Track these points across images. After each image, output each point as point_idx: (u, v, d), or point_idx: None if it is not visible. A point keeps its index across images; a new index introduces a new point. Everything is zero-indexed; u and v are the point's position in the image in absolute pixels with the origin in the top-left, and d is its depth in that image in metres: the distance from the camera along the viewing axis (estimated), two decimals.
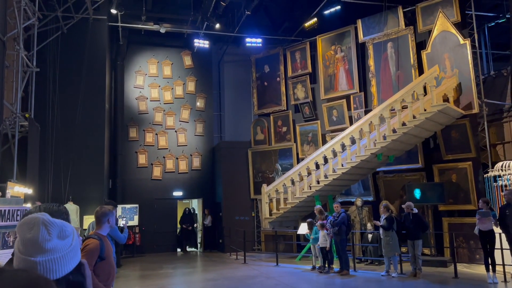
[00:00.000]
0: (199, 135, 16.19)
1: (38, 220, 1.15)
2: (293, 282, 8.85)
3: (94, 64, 13.21)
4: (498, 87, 11.60)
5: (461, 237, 10.50)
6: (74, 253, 1.18)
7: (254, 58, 15.79)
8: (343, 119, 13.24)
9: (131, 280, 9.58)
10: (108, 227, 3.64)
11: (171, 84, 16.02)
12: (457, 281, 8.41)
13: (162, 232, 14.85)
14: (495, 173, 9.68)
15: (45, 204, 2.00)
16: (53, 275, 1.10)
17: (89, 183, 12.42)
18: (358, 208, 11.60)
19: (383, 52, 12.53)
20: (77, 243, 1.21)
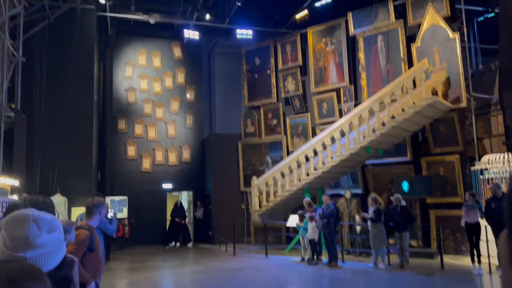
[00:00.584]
0: (189, 127, 16.12)
1: (28, 217, 1.14)
2: (282, 274, 8.91)
3: (82, 54, 13.04)
4: (486, 81, 11.73)
5: (448, 229, 10.64)
6: (62, 246, 1.18)
7: (244, 50, 15.71)
8: (333, 112, 13.27)
9: (120, 272, 9.56)
10: (99, 219, 3.61)
11: (160, 76, 15.89)
12: (443, 272, 8.54)
13: (151, 225, 14.80)
14: (481, 167, 9.81)
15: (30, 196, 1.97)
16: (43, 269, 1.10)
17: (77, 175, 12.31)
18: (347, 201, 11.68)
19: (373, 45, 12.56)
20: (63, 236, 1.21)
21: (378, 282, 8.13)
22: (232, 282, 8.18)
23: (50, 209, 1.71)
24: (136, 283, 8.39)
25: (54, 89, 12.50)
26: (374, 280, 8.27)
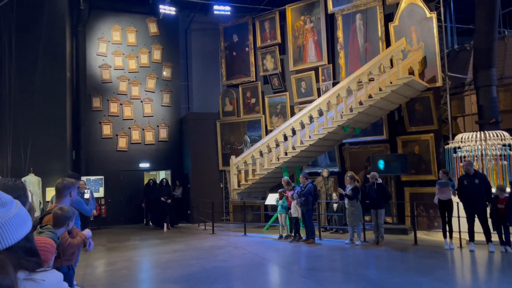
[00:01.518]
0: (166, 105, 15.87)
1: None
2: (261, 251, 9.02)
3: (53, 29, 12.55)
4: (461, 61, 11.91)
5: (422, 206, 10.95)
6: (21, 221, 1.14)
7: (222, 27, 15.43)
8: (311, 91, 13.28)
9: (98, 252, 9.48)
10: (69, 201, 3.51)
11: (135, 52, 15.49)
12: (417, 248, 8.81)
13: (128, 204, 14.68)
14: (455, 145, 10.05)
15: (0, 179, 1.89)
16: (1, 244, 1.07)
17: (51, 154, 12.02)
18: (324, 179, 11.84)
19: (352, 24, 12.53)
20: (23, 212, 1.17)
21: (354, 258, 8.33)
22: (211, 259, 8.24)
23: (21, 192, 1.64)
24: (115, 262, 8.35)
25: (24, 66, 12.03)
26: (350, 256, 8.47)
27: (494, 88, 10.38)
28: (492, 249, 7.98)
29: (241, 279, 7.00)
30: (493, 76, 10.37)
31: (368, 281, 6.40)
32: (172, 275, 7.08)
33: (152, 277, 7.28)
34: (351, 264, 7.84)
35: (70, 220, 2.92)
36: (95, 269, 7.93)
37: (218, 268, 7.51)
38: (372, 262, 7.92)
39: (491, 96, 10.32)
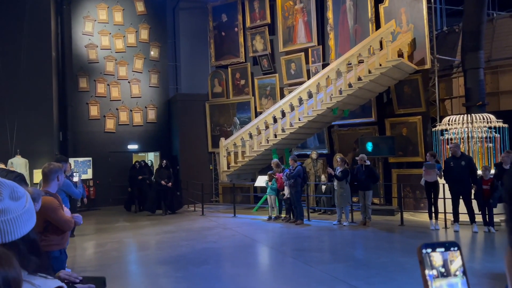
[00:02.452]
0: (154, 86, 15.69)
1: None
2: (250, 232, 9.12)
3: (37, 7, 12.23)
4: (450, 43, 11.95)
5: (408, 187, 11.13)
6: (30, 215, 1.14)
7: (211, 6, 15.18)
8: (301, 72, 13.22)
9: (87, 234, 9.49)
10: (57, 185, 3.49)
11: (122, 32, 15.20)
12: (403, 228, 9.00)
13: (117, 186, 14.62)
14: (442, 127, 10.17)
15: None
16: (8, 237, 1.07)
17: (38, 136, 11.88)
18: (313, 161, 11.92)
19: (342, 5, 12.43)
20: (32, 206, 1.17)
21: (341, 238, 8.48)
22: (200, 240, 8.31)
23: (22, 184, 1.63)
24: (105, 244, 8.37)
25: (8, 44, 11.75)
26: (338, 237, 8.62)
27: (481, 70, 10.47)
28: (475, 229, 8.18)
29: (231, 260, 7.09)
30: (480, 58, 10.45)
31: (356, 261, 6.54)
32: (162, 256, 7.14)
33: (142, 258, 7.34)
34: (339, 244, 7.99)
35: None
36: (84, 251, 7.95)
37: (208, 249, 7.59)
38: (359, 243, 8.08)
39: (479, 79, 10.41)
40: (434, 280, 0.80)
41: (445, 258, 0.82)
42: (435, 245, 0.83)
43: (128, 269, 6.69)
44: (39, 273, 1.12)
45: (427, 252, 0.82)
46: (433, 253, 0.82)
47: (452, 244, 0.84)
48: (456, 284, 0.80)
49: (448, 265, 0.81)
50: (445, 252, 0.82)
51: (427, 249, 0.82)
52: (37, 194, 2.67)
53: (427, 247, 0.82)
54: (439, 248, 0.83)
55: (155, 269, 6.51)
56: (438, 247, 0.83)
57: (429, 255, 0.82)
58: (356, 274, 5.76)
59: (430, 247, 0.82)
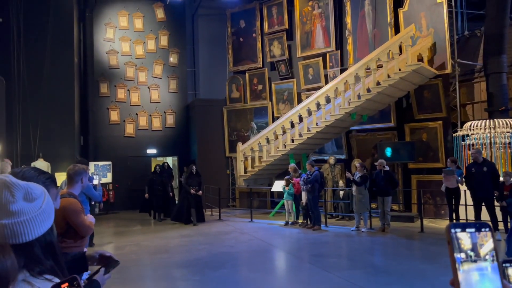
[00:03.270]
0: (173, 91, 15.87)
1: (0, 182, 1.09)
2: (267, 237, 9.10)
3: (61, 15, 12.55)
4: (471, 47, 11.74)
5: (428, 193, 10.93)
6: (46, 216, 1.14)
7: (229, 12, 15.30)
8: (318, 77, 13.19)
9: (106, 236, 9.62)
10: (80, 187, 3.53)
11: (142, 38, 15.45)
12: (423, 235, 8.83)
13: (136, 190, 14.77)
14: (463, 133, 9.98)
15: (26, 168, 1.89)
16: (22, 238, 1.07)
17: (60, 140, 12.13)
18: (331, 166, 11.83)
19: (361, 10, 12.36)
20: (50, 206, 1.17)
21: (360, 244, 8.37)
22: (217, 245, 8.33)
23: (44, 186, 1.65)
24: (123, 247, 8.47)
25: (33, 51, 12.06)
26: (356, 243, 8.52)
27: (504, 75, 10.25)
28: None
29: (247, 264, 7.08)
30: (503, 63, 10.23)
31: (374, 268, 6.45)
32: (180, 260, 7.18)
33: (159, 261, 7.39)
34: (357, 250, 7.89)
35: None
36: None
37: (225, 253, 7.60)
38: (378, 249, 7.96)
39: (501, 83, 10.19)
40: (462, 264, 0.75)
41: (474, 241, 0.76)
42: (465, 225, 0.77)
43: (146, 272, 6.74)
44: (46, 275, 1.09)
45: (456, 232, 0.77)
46: (461, 234, 0.76)
47: (483, 225, 0.78)
48: (485, 268, 0.75)
49: (477, 248, 0.76)
50: (475, 233, 0.77)
51: (456, 228, 0.77)
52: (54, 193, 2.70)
53: (456, 227, 0.77)
54: (469, 229, 0.77)
55: (172, 272, 6.55)
56: (468, 228, 0.77)
57: (457, 236, 0.76)
58: (375, 280, 5.68)
59: (459, 226, 0.77)
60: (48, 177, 1.73)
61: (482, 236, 0.77)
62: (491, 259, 0.76)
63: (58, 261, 1.15)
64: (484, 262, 0.75)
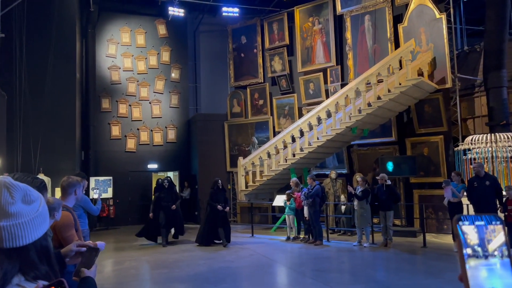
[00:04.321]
0: (174, 107, 15.93)
1: (1, 183, 1.08)
2: (268, 252, 9.00)
3: (63, 31, 12.67)
4: (471, 62, 11.80)
5: (430, 208, 10.85)
6: (42, 220, 1.12)
7: (230, 28, 15.47)
8: (319, 92, 13.24)
9: (106, 252, 9.51)
10: (74, 199, 3.48)
11: (144, 54, 15.58)
12: (426, 250, 8.73)
13: (136, 205, 14.72)
14: (465, 147, 9.96)
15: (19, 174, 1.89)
16: (19, 241, 1.05)
17: (61, 155, 12.12)
18: (332, 181, 11.78)
19: (361, 25, 12.48)
20: (45, 210, 1.15)
21: (362, 259, 8.27)
22: (218, 260, 8.23)
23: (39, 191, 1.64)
24: (123, 262, 8.38)
25: (35, 66, 12.15)
26: (358, 258, 8.41)
27: (504, 89, 10.28)
28: None
29: (248, 280, 6.98)
30: (503, 77, 10.27)
31: (377, 283, 6.35)
32: (180, 275, 7.09)
33: (159, 276, 7.29)
34: (359, 265, 7.78)
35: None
36: (103, 268, 7.96)
37: (225, 268, 7.50)
38: (380, 264, 7.86)
39: (502, 98, 10.21)
40: (468, 260, 0.71)
41: (482, 236, 0.72)
42: (474, 218, 0.73)
43: (146, 287, 6.65)
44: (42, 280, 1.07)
45: (464, 225, 0.73)
46: (468, 229, 0.73)
47: (493, 218, 0.74)
48: (494, 265, 0.71)
49: (485, 243, 0.72)
50: (484, 227, 0.73)
51: (464, 221, 0.73)
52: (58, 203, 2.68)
53: (465, 219, 0.73)
54: (478, 222, 0.73)
55: (172, 287, 6.46)
56: (477, 221, 0.73)
57: (464, 230, 0.72)
58: None
59: (468, 219, 0.73)
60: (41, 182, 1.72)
61: (491, 230, 0.73)
62: (500, 255, 0.72)
63: (52, 266, 1.13)
64: (493, 258, 0.72)
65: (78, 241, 1.81)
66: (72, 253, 1.73)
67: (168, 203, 10.18)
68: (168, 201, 10.19)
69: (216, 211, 9.94)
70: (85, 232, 4.84)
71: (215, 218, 10.00)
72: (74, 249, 1.72)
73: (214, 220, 10.03)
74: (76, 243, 1.77)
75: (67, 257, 1.75)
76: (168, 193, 10.30)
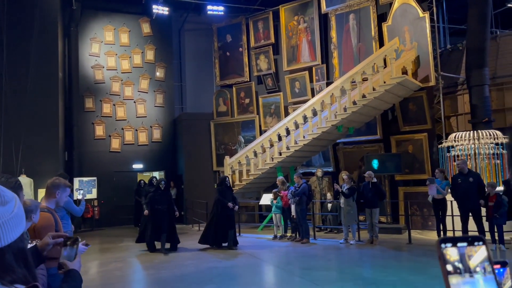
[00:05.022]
0: (159, 106, 15.78)
1: None
2: (255, 251, 8.98)
3: (45, 29, 12.44)
4: (454, 60, 11.97)
5: (415, 205, 10.97)
6: (18, 221, 1.08)
7: (215, 27, 15.39)
8: (305, 91, 13.27)
9: (91, 253, 9.38)
10: (55, 201, 3.41)
11: (128, 53, 15.40)
12: (411, 247, 8.83)
13: (122, 206, 14.54)
14: (448, 144, 10.09)
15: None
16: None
17: (43, 155, 11.91)
18: (318, 179, 11.83)
19: (345, 24, 12.55)
20: (21, 211, 1.11)
21: (349, 257, 8.32)
22: (205, 260, 8.18)
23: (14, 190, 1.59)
24: (108, 263, 8.27)
25: (16, 65, 11.91)
26: (345, 255, 8.46)
27: (486, 87, 10.45)
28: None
29: (236, 279, 6.96)
30: (485, 75, 10.44)
31: (363, 280, 6.39)
32: (166, 276, 7.02)
33: (145, 277, 7.22)
34: (346, 263, 7.83)
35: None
36: (87, 270, 7.84)
37: (213, 268, 7.46)
38: (367, 261, 7.92)
39: (484, 96, 10.38)
40: (450, 278, 0.70)
41: (461, 252, 0.72)
42: (457, 240, 0.73)
43: None
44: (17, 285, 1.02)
45: (446, 246, 0.73)
46: (449, 248, 0.72)
47: (477, 239, 0.74)
48: (477, 281, 0.70)
49: (466, 260, 0.71)
50: (465, 247, 0.73)
51: (447, 243, 0.73)
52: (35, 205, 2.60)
53: (447, 241, 0.73)
54: (461, 243, 0.73)
55: None
56: (460, 242, 0.73)
57: (445, 249, 0.72)
58: None
59: (450, 241, 0.73)
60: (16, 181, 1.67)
61: (470, 248, 0.73)
62: (482, 271, 0.71)
63: (30, 269, 1.09)
64: (476, 274, 0.71)
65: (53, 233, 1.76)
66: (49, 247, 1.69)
67: (161, 206, 9.26)
68: (163, 203, 9.28)
69: (226, 210, 9.34)
70: (69, 233, 4.75)
71: (224, 218, 9.35)
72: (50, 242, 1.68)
73: (223, 220, 9.35)
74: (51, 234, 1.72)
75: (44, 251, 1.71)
76: (163, 195, 9.43)
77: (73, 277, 1.56)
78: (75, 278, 1.57)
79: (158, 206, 9.22)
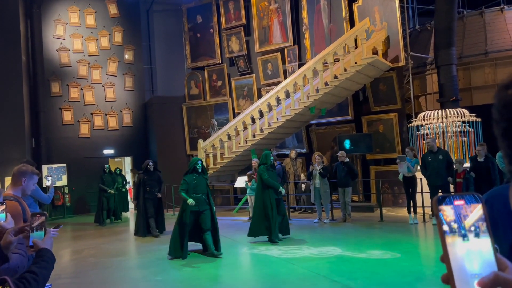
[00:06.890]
0: (129, 89, 15.42)
1: None
2: (230, 233, 9.02)
3: (5, 11, 11.86)
4: (422, 40, 12.16)
5: (386, 183, 11.24)
6: None
7: (185, 7, 15.04)
8: (278, 72, 13.23)
9: (62, 241, 9.19)
10: (21, 189, 3.27)
11: (95, 35, 14.89)
12: (383, 224, 9.07)
13: (93, 192, 14.24)
14: (418, 123, 10.32)
15: None
16: None
17: (8, 142, 11.48)
18: (292, 160, 11.91)
19: (316, 4, 12.50)
20: None
21: (323, 235, 8.47)
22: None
23: None
24: (81, 250, 8.13)
25: None
26: (319, 234, 8.61)
27: (454, 66, 10.69)
28: None
29: (212, 261, 6.97)
30: (453, 55, 10.66)
31: (337, 258, 6.53)
32: (141, 261, 6.97)
33: (120, 263, 7.13)
34: (321, 241, 7.96)
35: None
36: (60, 258, 7.68)
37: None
38: (340, 239, 8.07)
39: (451, 75, 10.62)
40: (446, 237, 0.69)
41: (457, 212, 0.71)
42: (453, 198, 0.72)
43: (106, 275, 6.48)
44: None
45: (443, 206, 0.71)
46: (446, 207, 0.71)
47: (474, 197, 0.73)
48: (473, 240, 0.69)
49: (462, 220, 0.70)
50: (462, 206, 0.71)
51: (444, 203, 0.72)
52: None
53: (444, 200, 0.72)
54: (458, 201, 0.72)
55: (133, 274, 6.35)
56: (457, 201, 0.72)
57: (441, 209, 0.71)
58: (339, 270, 5.74)
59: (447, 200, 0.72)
60: None
61: (466, 208, 0.72)
62: (477, 230, 0.70)
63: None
64: (470, 234, 0.70)
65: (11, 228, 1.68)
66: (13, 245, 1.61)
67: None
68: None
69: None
70: None
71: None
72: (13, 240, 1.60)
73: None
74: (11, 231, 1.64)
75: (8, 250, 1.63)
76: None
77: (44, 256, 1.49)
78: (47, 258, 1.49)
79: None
